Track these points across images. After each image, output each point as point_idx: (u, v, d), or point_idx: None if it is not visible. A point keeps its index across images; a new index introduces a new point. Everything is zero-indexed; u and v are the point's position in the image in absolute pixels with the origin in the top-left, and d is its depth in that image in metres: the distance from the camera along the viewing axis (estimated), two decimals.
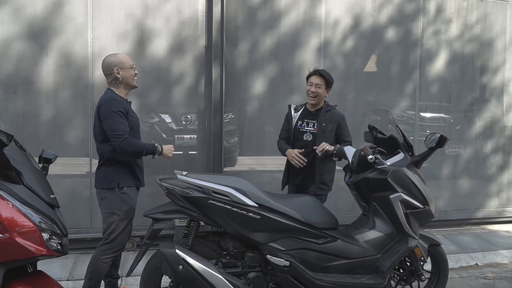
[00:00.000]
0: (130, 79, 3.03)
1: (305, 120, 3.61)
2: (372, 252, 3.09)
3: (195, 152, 4.58)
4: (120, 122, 2.88)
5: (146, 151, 2.94)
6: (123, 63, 2.99)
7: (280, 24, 4.59)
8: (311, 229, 2.96)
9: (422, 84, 5.05)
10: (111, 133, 2.86)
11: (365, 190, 3.20)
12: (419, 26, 4.99)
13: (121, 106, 2.91)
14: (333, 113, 3.57)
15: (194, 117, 4.54)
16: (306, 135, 3.56)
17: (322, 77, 3.48)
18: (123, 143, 2.84)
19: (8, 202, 2.24)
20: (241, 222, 2.80)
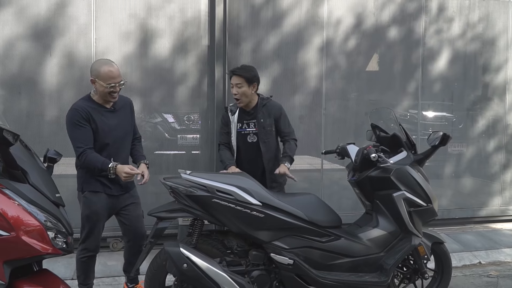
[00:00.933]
0: (103, 95, 2.92)
1: (244, 121, 3.49)
2: (376, 250, 3.10)
3: (198, 152, 4.59)
4: (78, 133, 2.85)
5: (98, 169, 2.86)
6: (99, 76, 2.87)
7: (283, 24, 4.59)
8: (315, 227, 2.97)
9: (425, 83, 5.06)
10: (72, 145, 2.90)
11: (368, 189, 3.20)
12: (421, 25, 5.00)
13: (79, 115, 2.85)
14: (269, 106, 3.47)
15: (197, 117, 4.55)
16: (250, 137, 3.47)
17: (240, 76, 3.35)
18: (79, 157, 2.86)
19: (15, 201, 2.26)
20: (245, 221, 2.81)
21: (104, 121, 2.94)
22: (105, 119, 2.96)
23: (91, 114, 2.89)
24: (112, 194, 3.02)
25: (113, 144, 2.99)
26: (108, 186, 2.99)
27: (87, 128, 2.86)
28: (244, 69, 3.41)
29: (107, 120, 2.96)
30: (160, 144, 4.46)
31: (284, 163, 3.38)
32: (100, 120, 2.93)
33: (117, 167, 2.83)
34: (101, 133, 2.92)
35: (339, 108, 4.84)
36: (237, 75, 3.37)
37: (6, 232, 2.17)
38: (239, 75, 3.37)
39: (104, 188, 2.98)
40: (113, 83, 2.87)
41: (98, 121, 2.91)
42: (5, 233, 2.17)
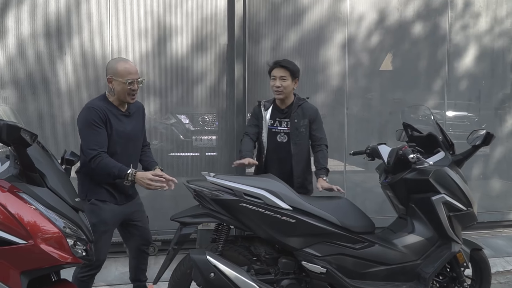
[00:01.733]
0: (122, 94, 2.68)
1: (277, 119, 3.26)
2: (412, 257, 2.91)
3: (215, 153, 4.43)
4: (93, 135, 2.60)
5: (114, 175, 2.57)
6: (117, 74, 2.65)
7: (304, 20, 4.42)
8: (348, 233, 2.79)
9: (451, 80, 4.85)
10: (84, 147, 2.64)
11: (403, 192, 3.02)
12: (446, 21, 4.80)
13: (97, 115, 2.61)
14: (305, 107, 3.24)
15: (212, 117, 4.39)
16: (280, 136, 3.25)
17: (285, 68, 3.13)
18: (92, 160, 2.57)
19: (32, 205, 2.11)
20: (275, 226, 2.63)
21: (120, 125, 2.72)
22: (121, 123, 2.74)
23: (108, 116, 2.66)
24: (118, 203, 2.77)
25: (125, 151, 2.75)
26: (114, 195, 2.75)
27: (102, 130, 2.64)
28: (289, 62, 3.20)
29: (123, 125, 2.74)
30: (175, 146, 4.30)
31: (322, 177, 3.11)
32: (116, 123, 2.70)
33: (137, 174, 2.56)
34: (115, 138, 2.69)
35: (362, 107, 4.65)
36: (283, 67, 3.15)
37: (23, 240, 2.02)
38: (285, 67, 3.14)
39: (111, 197, 2.73)
40: (132, 79, 2.67)
41: (115, 124, 2.69)
42: (22, 241, 2.02)
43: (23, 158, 2.08)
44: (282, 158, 3.26)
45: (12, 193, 2.10)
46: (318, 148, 3.30)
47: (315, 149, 3.32)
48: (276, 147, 3.28)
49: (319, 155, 3.28)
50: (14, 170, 2.16)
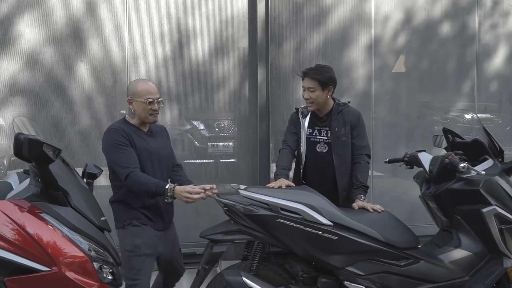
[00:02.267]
0: (142, 114, 2.54)
1: (315, 127, 3.00)
2: (460, 274, 2.70)
3: (233, 160, 4.23)
4: (121, 155, 2.43)
5: (152, 191, 2.39)
6: (137, 94, 2.53)
7: (327, 21, 4.23)
8: (392, 249, 2.58)
9: (480, 82, 4.64)
10: (116, 168, 2.45)
11: (448, 203, 2.80)
12: (475, 20, 4.59)
13: (120, 135, 2.47)
14: (345, 113, 2.96)
15: (227, 123, 4.20)
16: (320, 145, 2.98)
17: (312, 79, 2.88)
18: (128, 178, 2.39)
19: (55, 228, 1.92)
20: (315, 244, 2.43)
21: (144, 145, 2.56)
22: (145, 142, 2.58)
23: (131, 136, 2.51)
24: (156, 229, 2.55)
25: (152, 170, 2.56)
26: (152, 219, 2.55)
27: (130, 148, 2.47)
28: (317, 71, 2.92)
29: (147, 144, 2.58)
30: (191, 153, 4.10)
31: (360, 197, 2.79)
32: (140, 142, 2.54)
33: (176, 189, 2.38)
34: (142, 157, 2.52)
35: (389, 111, 4.45)
36: (310, 78, 2.88)
37: (47, 267, 1.83)
38: (312, 78, 2.87)
39: (149, 221, 2.52)
40: (151, 99, 2.54)
41: (138, 144, 2.52)
42: (45, 268, 1.83)
43: (45, 175, 1.90)
44: (322, 170, 2.97)
45: (33, 213, 1.92)
46: (357, 159, 2.96)
47: (354, 160, 2.97)
48: (316, 157, 3.00)
49: (357, 168, 2.93)
50: (34, 188, 1.99)
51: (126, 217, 2.48)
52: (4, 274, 1.80)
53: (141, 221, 2.49)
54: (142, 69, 3.84)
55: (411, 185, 4.58)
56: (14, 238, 1.84)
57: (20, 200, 1.94)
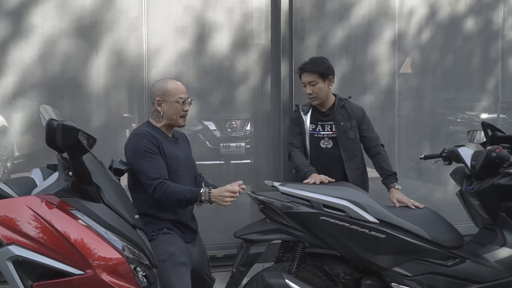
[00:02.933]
0: (174, 116, 2.37)
1: (318, 122, 2.94)
2: (506, 273, 2.56)
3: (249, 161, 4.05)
4: (150, 163, 2.23)
5: (186, 199, 2.21)
6: (167, 93, 2.36)
7: (351, 15, 4.10)
8: (439, 248, 2.44)
9: (505, 79, 4.51)
10: (143, 179, 2.24)
11: (492, 199, 2.66)
12: (499, 16, 4.48)
13: (149, 142, 2.27)
14: (349, 107, 2.97)
15: (240, 123, 4.04)
16: (324, 141, 2.93)
17: (311, 73, 2.87)
18: (157, 190, 2.19)
19: (89, 227, 1.75)
20: (362, 243, 2.28)
21: (172, 151, 2.38)
22: (174, 149, 2.40)
23: (161, 142, 2.33)
24: (186, 241, 2.37)
25: (183, 181, 2.39)
26: (182, 230, 2.37)
27: (159, 157, 2.28)
28: (314, 63, 2.91)
29: (175, 151, 2.41)
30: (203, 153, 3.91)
31: (395, 186, 2.77)
32: (169, 149, 2.36)
33: (212, 191, 2.23)
34: (170, 165, 2.34)
35: (413, 109, 4.31)
36: (308, 72, 2.87)
37: (80, 269, 1.65)
38: (311, 71, 2.87)
39: (180, 232, 2.35)
40: (184, 98, 2.40)
41: (168, 151, 2.34)
42: (78, 271, 1.65)
43: (78, 167, 1.73)
44: (327, 167, 2.88)
45: (64, 210, 1.75)
46: (375, 151, 2.97)
47: (371, 153, 2.98)
48: (320, 154, 2.94)
49: (379, 158, 2.95)
50: (64, 182, 1.81)
51: (154, 229, 2.27)
52: (32, 279, 1.62)
53: (172, 231, 2.31)
54: (161, 63, 3.68)
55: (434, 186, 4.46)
56: (43, 238, 1.67)
57: (48, 196, 1.77)
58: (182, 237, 2.35)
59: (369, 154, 3.00)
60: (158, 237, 2.25)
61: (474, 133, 3.16)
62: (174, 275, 2.16)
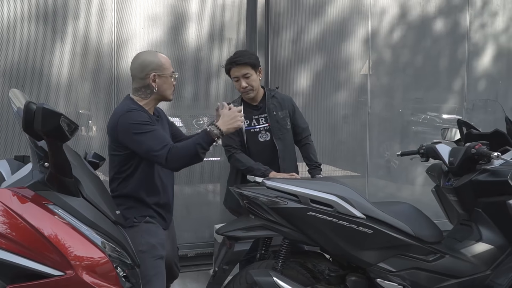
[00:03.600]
0: (168, 91, 2.21)
1: (252, 117, 2.86)
2: (482, 268, 2.59)
3: (218, 158, 3.95)
4: (151, 134, 2.05)
5: (201, 146, 2.03)
6: (163, 68, 2.17)
7: (326, 12, 4.08)
8: (421, 244, 2.43)
9: (470, 80, 4.67)
10: (148, 152, 2.04)
11: (469, 195, 2.69)
12: (466, 18, 4.62)
13: (142, 115, 2.09)
14: (279, 97, 2.93)
15: (207, 120, 3.93)
16: (262, 135, 2.85)
17: (244, 65, 2.76)
18: (168, 160, 2.01)
19: (68, 223, 1.59)
20: (349, 239, 2.23)
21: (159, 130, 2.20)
22: (162, 129, 2.23)
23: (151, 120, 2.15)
24: (164, 228, 2.23)
25: None
26: (163, 216, 2.21)
27: (155, 126, 2.11)
28: (244, 56, 2.80)
29: (163, 131, 2.24)
30: None
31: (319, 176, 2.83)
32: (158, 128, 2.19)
33: (218, 124, 2.07)
34: None
35: (385, 107, 4.36)
36: (241, 65, 2.75)
37: (60, 270, 1.49)
38: (244, 64, 2.75)
39: (161, 220, 2.20)
40: (174, 71, 2.25)
41: None
42: (58, 272, 1.49)
43: (58, 157, 1.56)
44: (267, 160, 2.81)
45: (39, 205, 1.58)
46: (305, 141, 2.99)
47: (301, 142, 3.00)
48: (260, 148, 2.85)
49: (308, 149, 2.98)
50: (40, 174, 1.63)
51: (136, 215, 2.11)
52: (5, 281, 1.44)
53: (155, 219, 2.16)
54: (131, 53, 3.46)
55: (403, 183, 4.54)
56: (16, 235, 1.49)
57: (21, 189, 1.59)
58: (163, 224, 2.20)
59: (299, 143, 3.01)
60: (139, 225, 2.09)
61: (446, 131, 3.21)
62: (153, 268, 2.03)
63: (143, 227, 2.08)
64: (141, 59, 2.18)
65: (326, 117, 4.11)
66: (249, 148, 2.85)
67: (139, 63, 2.16)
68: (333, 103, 4.12)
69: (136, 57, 2.20)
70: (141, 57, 2.20)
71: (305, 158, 2.98)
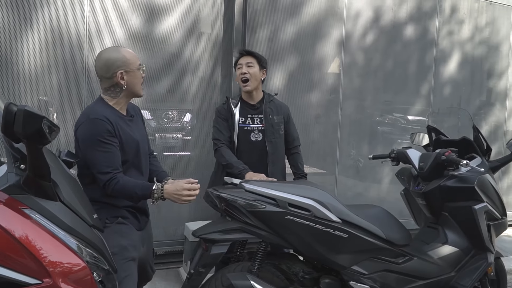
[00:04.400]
0: (137, 86, 2.13)
1: (248, 115, 2.94)
2: (447, 269, 2.72)
3: (188, 153, 3.92)
4: (104, 154, 2.00)
5: (137, 196, 2.01)
6: (128, 63, 2.07)
7: (302, 12, 4.10)
8: (392, 247, 2.51)
9: (436, 85, 4.84)
10: (94, 170, 2.02)
11: (437, 200, 2.81)
12: (435, 25, 4.78)
13: (105, 129, 2.01)
14: (277, 103, 3.06)
15: (177, 114, 3.89)
16: (254, 134, 2.94)
17: (251, 56, 2.91)
18: (107, 186, 2.00)
19: (45, 229, 1.52)
20: (325, 242, 2.27)
21: (129, 133, 2.13)
22: (130, 130, 2.16)
23: (118, 125, 2.08)
24: (138, 229, 2.18)
25: (136, 161, 2.18)
26: (138, 218, 2.17)
27: (113, 147, 2.03)
28: (256, 52, 2.98)
29: (132, 132, 2.16)
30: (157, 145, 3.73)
31: None
32: (125, 132, 2.11)
33: (166, 188, 2.01)
34: (126, 148, 2.11)
35: (356, 109, 4.45)
36: (249, 55, 2.93)
37: (37, 279, 1.43)
38: (251, 54, 2.93)
39: (134, 220, 2.15)
40: (141, 64, 2.16)
41: (124, 133, 2.10)
42: (34, 280, 1.42)
43: (36, 160, 1.49)
44: (257, 160, 2.90)
45: (15, 209, 1.50)
46: (294, 150, 3.12)
47: (291, 151, 3.12)
48: (250, 147, 2.93)
49: (297, 158, 3.11)
50: (15, 177, 1.55)
51: (108, 216, 2.06)
52: None
53: (127, 220, 2.11)
54: (103, 44, 3.36)
55: (370, 183, 4.66)
56: None
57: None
58: (137, 225, 2.15)
59: (288, 151, 3.10)
60: (111, 226, 2.04)
61: (416, 136, 3.32)
62: (123, 271, 1.99)
63: (115, 228, 2.03)
64: (105, 58, 2.07)
65: (299, 116, 4.13)
66: (239, 146, 2.89)
67: (103, 62, 2.06)
68: (305, 102, 4.16)
69: (99, 57, 2.08)
70: (104, 55, 2.08)
71: (292, 166, 3.09)
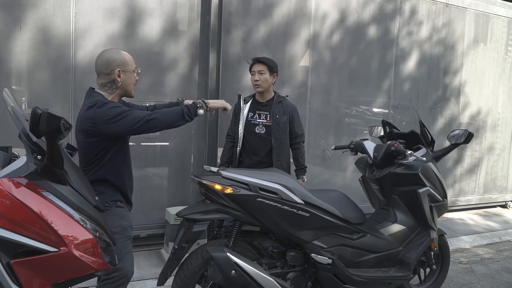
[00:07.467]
0: (130, 86, 2.39)
1: (256, 111, 3.49)
2: (396, 245, 3.15)
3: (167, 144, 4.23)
4: (129, 112, 2.22)
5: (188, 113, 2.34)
6: (126, 64, 2.35)
7: (273, 14, 4.44)
8: (348, 224, 2.92)
9: (396, 82, 5.28)
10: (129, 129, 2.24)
11: (388, 185, 3.23)
12: (396, 26, 5.20)
13: (117, 104, 2.29)
14: (285, 104, 3.53)
15: None
16: (259, 127, 3.47)
17: (262, 63, 3.40)
18: (150, 120, 2.22)
19: (60, 207, 1.85)
20: (290, 221, 2.65)
21: None
22: None
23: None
24: (130, 209, 2.51)
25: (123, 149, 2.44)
26: (129, 200, 2.49)
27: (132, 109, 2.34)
28: (267, 59, 3.45)
29: None
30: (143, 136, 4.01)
31: (302, 177, 3.49)
32: None
33: (206, 101, 2.44)
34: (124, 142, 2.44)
35: (322, 103, 4.84)
36: (260, 62, 3.41)
37: (55, 247, 1.76)
38: (262, 62, 3.41)
39: (128, 205, 2.47)
40: (136, 68, 2.44)
41: None
42: (53, 248, 1.77)
43: (54, 152, 1.80)
44: (258, 150, 3.44)
45: (35, 191, 1.82)
46: (297, 145, 3.58)
47: (294, 146, 3.58)
48: (253, 137, 3.45)
49: (298, 153, 3.58)
50: (34, 166, 1.86)
51: (108, 200, 2.36)
52: (9, 256, 1.69)
53: (123, 203, 2.44)
54: (89, 44, 3.63)
55: (335, 172, 5.08)
56: (17, 217, 1.73)
57: (19, 178, 1.81)
58: (129, 207, 2.47)
59: (291, 146, 3.58)
60: (111, 209, 2.34)
61: (373, 128, 3.74)
62: (124, 248, 2.32)
63: (115, 211, 2.36)
64: (107, 56, 2.35)
65: None
66: (244, 135, 3.45)
67: (104, 60, 2.34)
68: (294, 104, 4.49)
69: (100, 55, 2.37)
70: (106, 54, 2.37)
71: (294, 159, 3.56)
